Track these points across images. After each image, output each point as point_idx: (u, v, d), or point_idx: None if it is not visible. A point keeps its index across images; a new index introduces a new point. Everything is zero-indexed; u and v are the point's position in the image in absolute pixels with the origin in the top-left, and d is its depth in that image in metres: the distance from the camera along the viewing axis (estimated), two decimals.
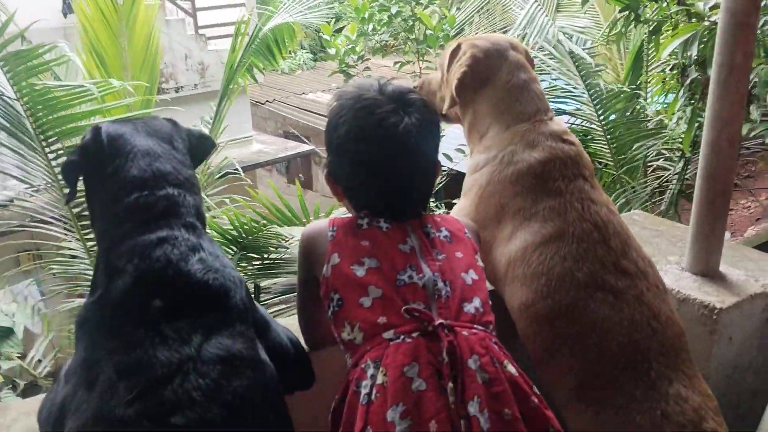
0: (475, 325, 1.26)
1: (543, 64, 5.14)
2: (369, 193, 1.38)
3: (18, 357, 4.11)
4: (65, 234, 4.39)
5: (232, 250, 3.80)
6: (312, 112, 9.10)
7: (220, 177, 5.18)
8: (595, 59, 5.83)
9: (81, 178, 1.41)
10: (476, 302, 1.30)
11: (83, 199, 4.40)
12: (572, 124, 5.21)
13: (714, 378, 1.78)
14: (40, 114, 4.02)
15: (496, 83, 1.71)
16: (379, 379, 1.19)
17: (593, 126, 5.20)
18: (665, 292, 1.59)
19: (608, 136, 5.16)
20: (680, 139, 4.88)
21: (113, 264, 1.27)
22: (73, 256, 4.40)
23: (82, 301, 4.41)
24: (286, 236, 3.68)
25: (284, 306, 3.79)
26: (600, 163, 5.13)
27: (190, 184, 1.40)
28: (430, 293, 1.27)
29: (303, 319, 1.52)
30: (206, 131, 4.91)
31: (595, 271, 1.51)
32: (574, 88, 5.21)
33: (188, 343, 1.19)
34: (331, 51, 5.91)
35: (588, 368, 1.49)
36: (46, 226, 4.40)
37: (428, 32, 5.71)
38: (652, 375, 1.45)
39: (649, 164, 5.44)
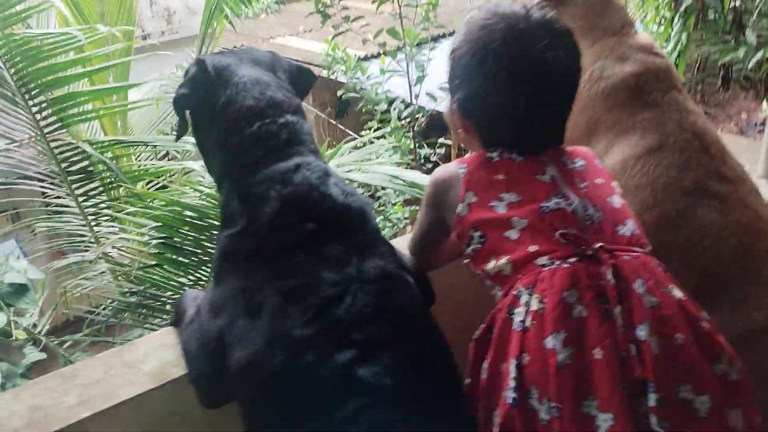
0: (635, 248, 1.21)
1: None
2: (514, 127, 1.27)
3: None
4: (52, 190, 4.21)
5: None
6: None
7: None
8: None
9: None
10: (630, 225, 1.24)
11: (70, 153, 4.13)
12: None
13: None
14: (21, 65, 3.81)
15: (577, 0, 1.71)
16: (534, 306, 1.13)
17: None
18: (761, 196, 1.64)
19: None
20: None
21: (251, 192, 1.24)
22: (61, 212, 4.23)
23: (79, 256, 4.28)
24: None
25: None
26: None
27: (302, 113, 1.37)
28: (581, 218, 1.20)
29: (417, 252, 1.48)
30: None
31: (699, 178, 1.55)
32: None
33: (348, 263, 1.18)
34: None
35: (700, 272, 1.52)
36: (30, 182, 4.21)
37: None
38: (764, 273, 1.51)
39: None
